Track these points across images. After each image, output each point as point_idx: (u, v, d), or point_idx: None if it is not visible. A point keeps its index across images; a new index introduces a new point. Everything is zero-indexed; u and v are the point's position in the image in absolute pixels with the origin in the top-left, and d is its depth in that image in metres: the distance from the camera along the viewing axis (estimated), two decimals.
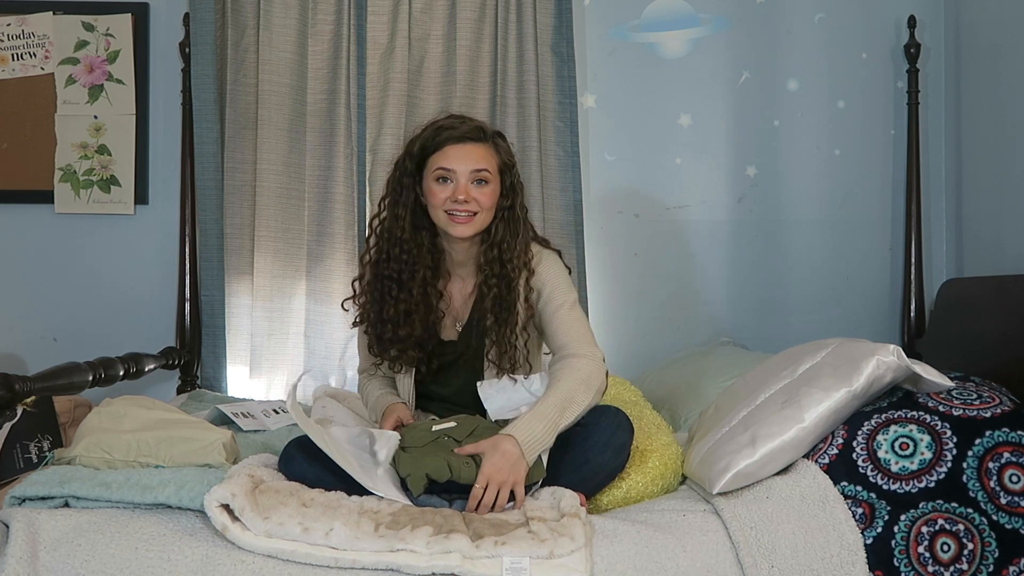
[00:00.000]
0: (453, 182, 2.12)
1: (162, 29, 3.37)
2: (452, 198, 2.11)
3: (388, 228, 2.20)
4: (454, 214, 2.13)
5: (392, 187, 2.22)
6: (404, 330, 2.17)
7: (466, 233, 2.15)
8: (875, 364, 2.03)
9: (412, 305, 2.17)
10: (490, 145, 2.18)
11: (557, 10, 3.31)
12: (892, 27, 3.43)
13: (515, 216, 2.19)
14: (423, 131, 2.20)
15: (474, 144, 2.15)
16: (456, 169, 2.12)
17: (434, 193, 2.14)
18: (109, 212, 3.36)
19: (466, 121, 2.19)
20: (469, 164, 2.12)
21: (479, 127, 2.18)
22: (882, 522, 1.89)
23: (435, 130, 2.16)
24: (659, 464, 2.11)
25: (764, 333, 3.40)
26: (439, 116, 2.25)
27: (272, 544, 1.74)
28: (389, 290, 2.18)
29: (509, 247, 2.17)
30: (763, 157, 3.45)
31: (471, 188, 2.12)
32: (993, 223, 3.09)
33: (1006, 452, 1.92)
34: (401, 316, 2.17)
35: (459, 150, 2.13)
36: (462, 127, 2.15)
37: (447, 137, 2.14)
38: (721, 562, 1.83)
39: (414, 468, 1.93)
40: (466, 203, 2.11)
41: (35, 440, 2.59)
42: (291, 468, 2.00)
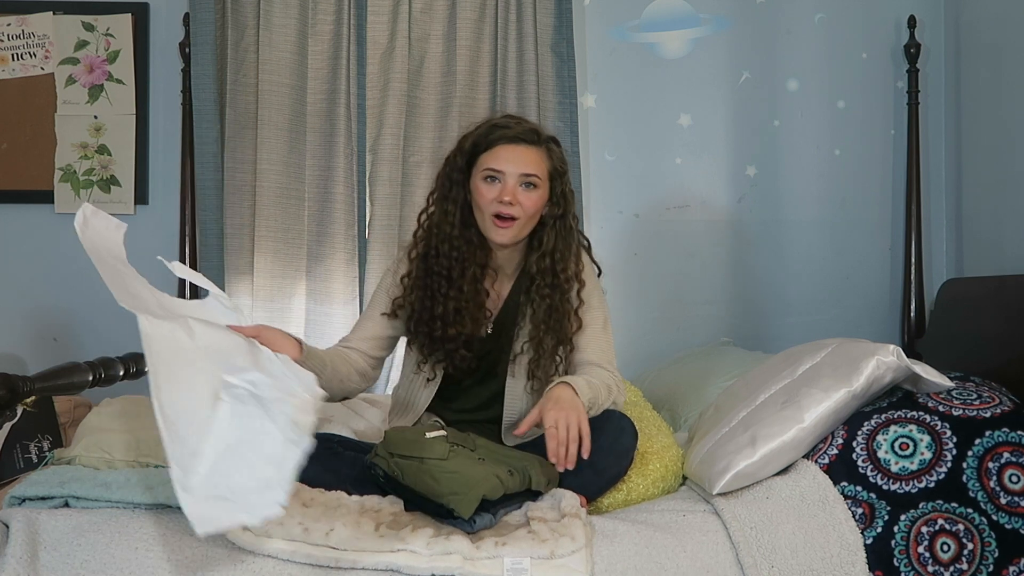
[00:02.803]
0: (501, 182, 2.08)
1: (162, 29, 3.37)
2: (498, 199, 2.06)
3: (437, 223, 2.14)
4: (498, 216, 2.08)
5: (441, 182, 2.16)
6: (454, 328, 2.11)
7: (504, 240, 2.10)
8: (875, 364, 2.03)
9: (463, 303, 2.11)
10: (543, 149, 2.12)
11: (557, 10, 3.31)
12: (892, 27, 3.43)
13: (567, 225, 2.14)
14: (477, 128, 2.15)
15: (526, 146, 2.10)
16: (505, 170, 2.07)
17: (481, 192, 2.09)
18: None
19: (521, 122, 2.13)
20: (519, 166, 2.07)
21: (534, 129, 2.12)
22: (882, 522, 1.89)
23: (488, 128, 2.12)
24: (660, 467, 2.11)
25: (764, 333, 3.40)
26: (495, 114, 2.21)
27: (272, 544, 1.75)
28: (439, 287, 2.12)
29: (563, 257, 2.12)
30: (763, 157, 3.45)
31: (518, 191, 2.07)
32: (993, 223, 3.08)
33: (1006, 452, 1.92)
34: (451, 314, 2.11)
35: (510, 151, 2.08)
36: (516, 127, 2.10)
37: (500, 136, 2.09)
38: (721, 562, 1.83)
39: (462, 488, 1.80)
40: (511, 205, 2.06)
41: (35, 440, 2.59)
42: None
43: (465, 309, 2.12)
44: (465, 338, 2.13)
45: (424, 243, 2.16)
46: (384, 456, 1.91)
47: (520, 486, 1.89)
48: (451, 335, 2.11)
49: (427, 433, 1.96)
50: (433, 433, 1.97)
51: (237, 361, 1.66)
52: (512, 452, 2.01)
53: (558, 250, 2.12)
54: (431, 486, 1.82)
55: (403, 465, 1.88)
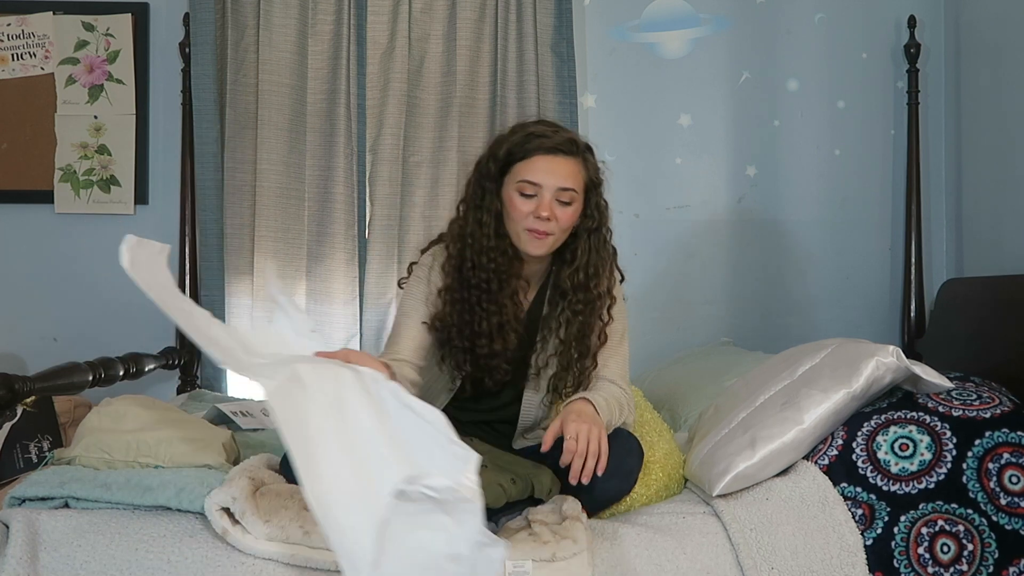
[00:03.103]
0: (537, 197, 1.98)
1: (162, 29, 3.37)
2: (535, 214, 1.97)
3: (471, 234, 2.04)
4: (532, 230, 1.99)
5: (473, 190, 2.06)
6: (499, 343, 2.03)
7: (539, 252, 2.02)
8: (874, 365, 2.03)
9: (504, 318, 2.03)
10: (580, 160, 2.02)
11: (557, 10, 3.31)
12: (892, 27, 3.42)
13: (601, 239, 2.07)
14: (511, 134, 2.04)
15: (564, 158, 1.99)
16: (542, 183, 1.97)
17: (515, 205, 1.99)
18: (109, 212, 3.36)
19: (559, 131, 2.03)
20: (557, 180, 1.97)
21: (572, 139, 2.02)
22: (882, 523, 1.89)
23: (525, 136, 2.01)
24: (663, 476, 2.10)
25: (764, 333, 3.40)
26: (528, 119, 2.11)
27: (273, 547, 1.75)
28: (479, 301, 2.03)
29: (596, 273, 2.05)
30: (763, 157, 3.45)
31: (555, 206, 1.98)
32: (993, 223, 3.08)
33: (1006, 453, 1.92)
34: (494, 329, 2.03)
35: (548, 163, 1.98)
36: (554, 137, 1.99)
37: (537, 147, 1.98)
38: (721, 564, 1.83)
39: None
40: (547, 221, 1.97)
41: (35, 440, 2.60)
42: (291, 473, 1.97)
43: (508, 324, 2.04)
44: (511, 354, 2.06)
45: (459, 254, 2.06)
46: None
47: (522, 494, 1.88)
48: (497, 350, 2.04)
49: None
50: None
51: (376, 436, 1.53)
52: (516, 459, 1.99)
53: (592, 265, 2.05)
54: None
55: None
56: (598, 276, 2.06)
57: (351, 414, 1.55)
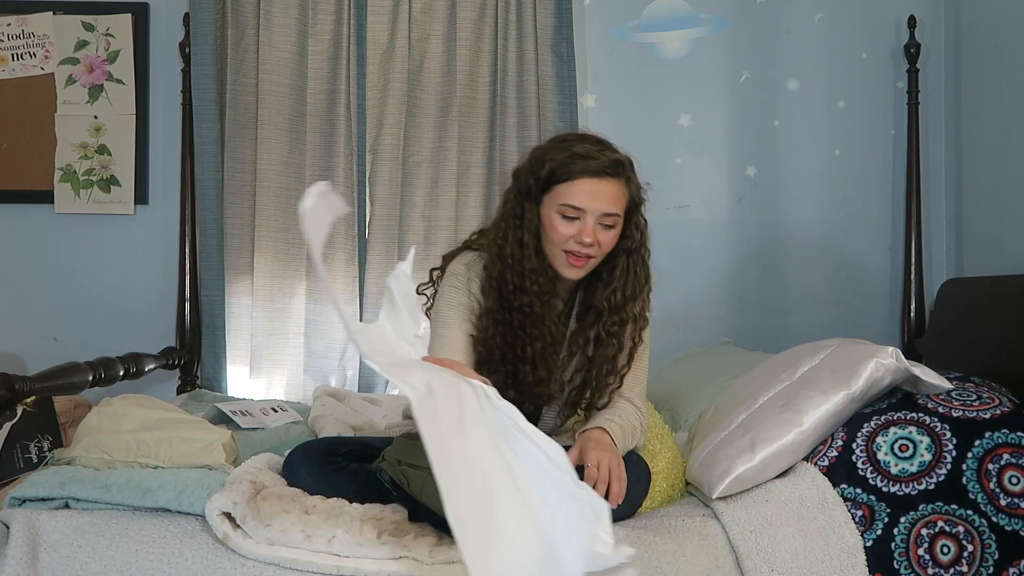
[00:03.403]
0: (580, 221, 1.90)
1: (162, 29, 3.37)
2: (577, 239, 1.90)
3: (511, 254, 1.95)
4: (571, 253, 1.92)
5: (512, 208, 1.97)
6: (543, 369, 1.97)
7: (577, 276, 1.97)
8: (873, 367, 2.03)
9: (547, 342, 1.97)
10: (623, 182, 1.93)
11: (557, 10, 3.31)
12: (892, 27, 3.42)
13: (640, 259, 2.01)
14: (554, 151, 1.94)
15: (610, 181, 1.90)
16: (587, 208, 1.89)
17: (555, 227, 1.91)
18: (109, 212, 3.36)
19: (603, 150, 1.92)
20: (601, 205, 1.90)
21: (617, 161, 1.92)
22: (882, 524, 1.89)
23: (569, 156, 1.90)
24: (666, 487, 2.09)
25: (764, 333, 3.40)
26: (570, 134, 2.00)
27: (274, 551, 1.74)
28: (522, 325, 1.95)
29: (633, 295, 2.00)
30: (763, 157, 3.44)
31: (598, 231, 1.91)
32: (993, 223, 3.08)
33: (1006, 453, 1.92)
34: (538, 355, 1.96)
35: (593, 186, 1.89)
36: (600, 159, 1.90)
37: (582, 169, 1.89)
38: (721, 566, 1.83)
39: None
40: (590, 246, 1.91)
41: (35, 440, 2.60)
42: (295, 478, 1.97)
43: (550, 348, 1.98)
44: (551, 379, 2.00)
45: (500, 276, 1.97)
46: (392, 463, 1.87)
47: None
48: (541, 377, 1.98)
49: None
50: None
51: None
52: None
53: (629, 286, 1.99)
54: (436, 499, 1.76)
55: (410, 474, 1.83)
56: (635, 298, 2.01)
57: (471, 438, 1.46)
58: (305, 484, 1.95)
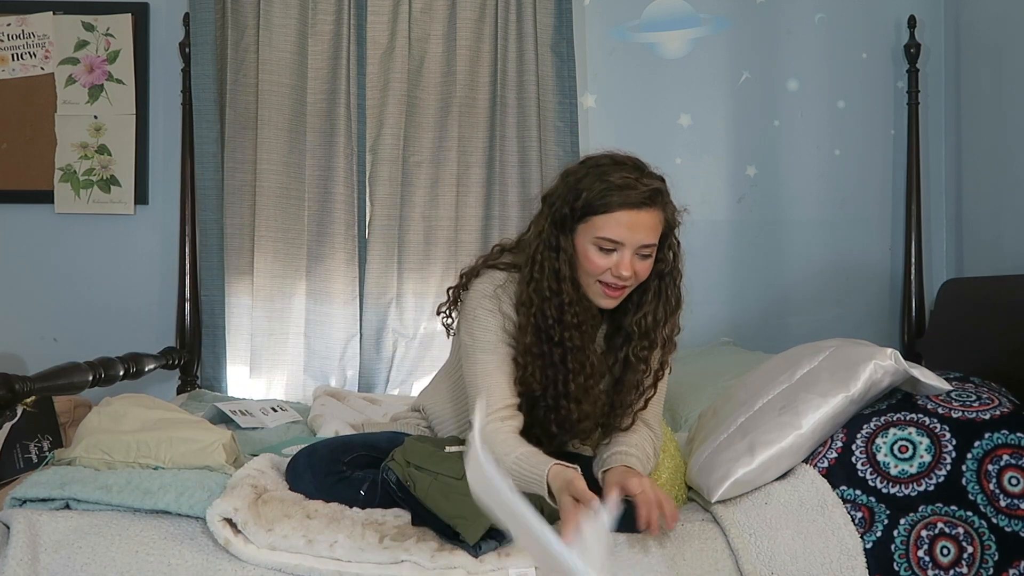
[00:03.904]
0: (617, 253, 1.84)
1: (162, 29, 3.37)
2: (614, 272, 1.85)
3: (549, 287, 1.87)
4: (606, 284, 1.87)
5: (547, 238, 1.89)
6: (588, 404, 1.92)
7: (612, 306, 1.91)
8: (872, 369, 2.03)
9: (589, 373, 1.90)
10: (660, 209, 1.87)
11: (557, 10, 3.31)
12: (892, 27, 3.42)
13: (674, 283, 1.94)
14: (588, 178, 1.86)
15: (648, 212, 1.84)
16: (625, 242, 1.83)
17: (591, 259, 1.85)
18: (109, 212, 3.36)
19: (640, 178, 1.85)
20: (640, 237, 1.83)
21: (656, 190, 1.85)
22: (881, 526, 1.89)
23: (606, 188, 1.83)
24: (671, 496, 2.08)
25: (764, 333, 3.40)
26: (604, 157, 1.91)
27: (276, 557, 1.74)
28: (563, 360, 1.89)
29: (664, 320, 1.93)
30: (763, 157, 3.44)
31: (635, 261, 1.85)
32: (993, 223, 3.08)
33: (1005, 454, 1.92)
34: (580, 390, 1.90)
35: (632, 218, 1.82)
36: (639, 188, 1.83)
37: (621, 202, 1.82)
38: (721, 569, 1.83)
39: (471, 513, 1.70)
40: (628, 278, 1.86)
41: (35, 440, 2.60)
42: (298, 485, 1.97)
43: (592, 380, 1.91)
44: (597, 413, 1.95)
45: (537, 308, 1.88)
46: (400, 463, 1.87)
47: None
48: (586, 412, 1.93)
49: (447, 448, 1.91)
50: (453, 448, 1.90)
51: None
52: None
53: (660, 310, 1.93)
54: (440, 504, 1.78)
55: (416, 476, 1.83)
56: (665, 321, 1.94)
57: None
58: (307, 492, 1.95)
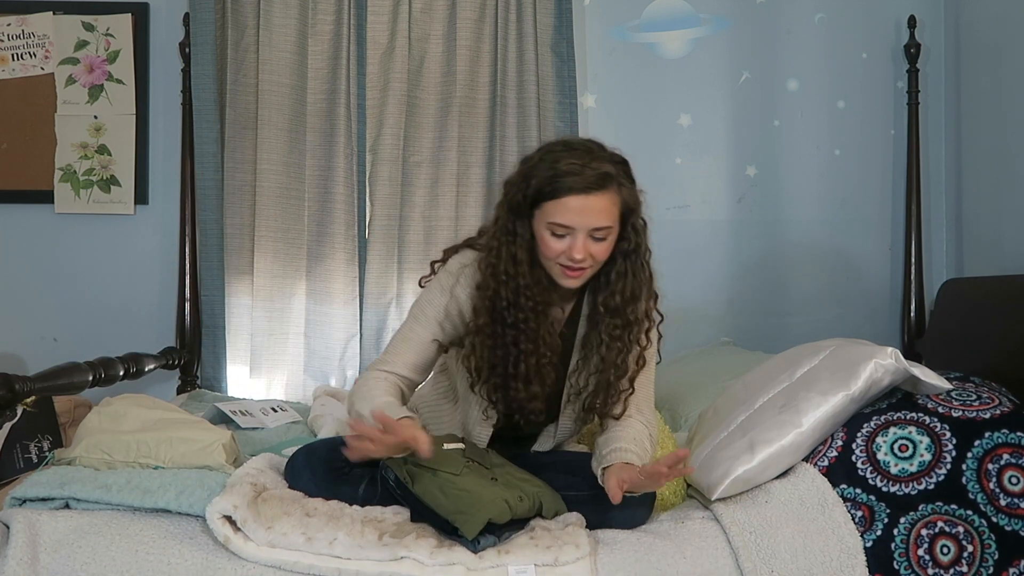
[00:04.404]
0: (570, 237, 1.88)
1: (162, 29, 3.37)
2: (567, 255, 1.89)
3: (505, 271, 1.93)
4: (565, 267, 1.92)
5: (504, 224, 1.95)
6: (536, 385, 1.96)
7: (574, 286, 1.96)
8: (873, 367, 2.03)
9: (542, 356, 1.94)
10: (614, 191, 1.89)
11: (557, 10, 3.31)
12: (892, 27, 3.42)
13: (639, 262, 1.98)
14: (539, 165, 1.90)
15: (598, 195, 1.87)
16: (575, 226, 1.87)
17: (547, 244, 1.90)
18: (109, 212, 3.35)
19: (588, 163, 1.87)
20: (589, 221, 1.87)
21: (604, 174, 1.87)
22: (881, 525, 1.89)
23: (554, 174, 1.87)
24: (668, 495, 2.09)
25: (764, 333, 3.40)
26: (557, 144, 1.95)
27: (275, 554, 1.75)
28: (515, 341, 1.93)
29: (634, 296, 1.97)
30: (763, 157, 3.44)
31: (589, 244, 1.89)
32: (993, 223, 3.08)
33: (1005, 453, 1.92)
34: (531, 370, 1.94)
35: (580, 203, 1.86)
36: (585, 174, 1.85)
37: (568, 188, 1.85)
38: (721, 567, 1.83)
39: (469, 508, 1.75)
40: (582, 261, 1.89)
41: (35, 440, 2.59)
42: (297, 483, 1.97)
43: (545, 360, 1.95)
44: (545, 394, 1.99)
45: (494, 293, 1.94)
46: (398, 461, 1.88)
47: (529, 513, 1.86)
48: (535, 393, 1.96)
49: (445, 444, 1.92)
50: (451, 445, 1.92)
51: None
52: (527, 477, 1.97)
53: (628, 288, 1.96)
54: (439, 500, 1.80)
55: (415, 473, 1.84)
56: (635, 300, 1.98)
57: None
58: (307, 488, 1.95)
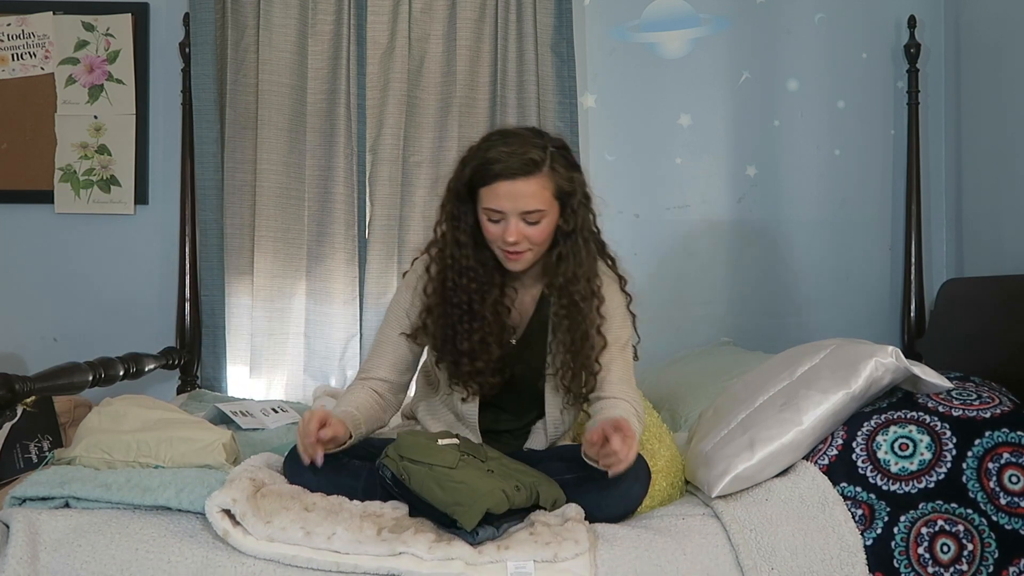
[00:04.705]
0: (504, 221, 1.97)
1: (162, 29, 3.37)
2: (503, 238, 1.98)
3: (451, 255, 2.04)
4: (505, 251, 2.01)
5: (448, 213, 2.06)
6: (481, 361, 2.05)
7: (519, 268, 2.04)
8: (873, 366, 2.03)
9: (487, 333, 2.04)
10: (544, 175, 1.96)
11: (557, 10, 3.31)
12: (892, 27, 3.42)
13: (576, 244, 2.04)
14: (476, 151, 2.00)
15: (525, 180, 1.94)
16: (506, 210, 1.95)
17: (487, 229, 2.01)
18: (109, 212, 3.36)
19: (515, 150, 1.95)
20: (519, 205, 1.95)
21: (531, 160, 1.94)
22: (882, 523, 1.89)
23: (484, 162, 1.96)
24: (666, 485, 2.10)
25: (764, 333, 3.40)
26: (494, 132, 2.06)
27: (274, 548, 1.75)
28: (460, 319, 2.04)
29: (575, 277, 2.03)
30: (763, 157, 3.44)
31: (522, 227, 1.96)
32: (993, 223, 3.08)
33: (1006, 452, 1.92)
34: (477, 347, 2.04)
35: (508, 188, 1.94)
36: (510, 160, 1.93)
37: (496, 174, 1.94)
38: (721, 565, 1.83)
39: (467, 499, 1.77)
40: (516, 244, 1.97)
41: (35, 440, 2.59)
42: (297, 476, 1.98)
43: (490, 337, 2.04)
44: (493, 367, 2.06)
45: (440, 274, 2.07)
46: (394, 458, 1.89)
47: (526, 502, 1.87)
48: (479, 368, 2.05)
49: (439, 440, 1.94)
50: (445, 440, 1.94)
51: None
52: (523, 468, 1.98)
53: (569, 269, 2.03)
54: (436, 494, 1.81)
55: (411, 469, 1.85)
56: (577, 280, 2.04)
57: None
58: (307, 482, 1.96)
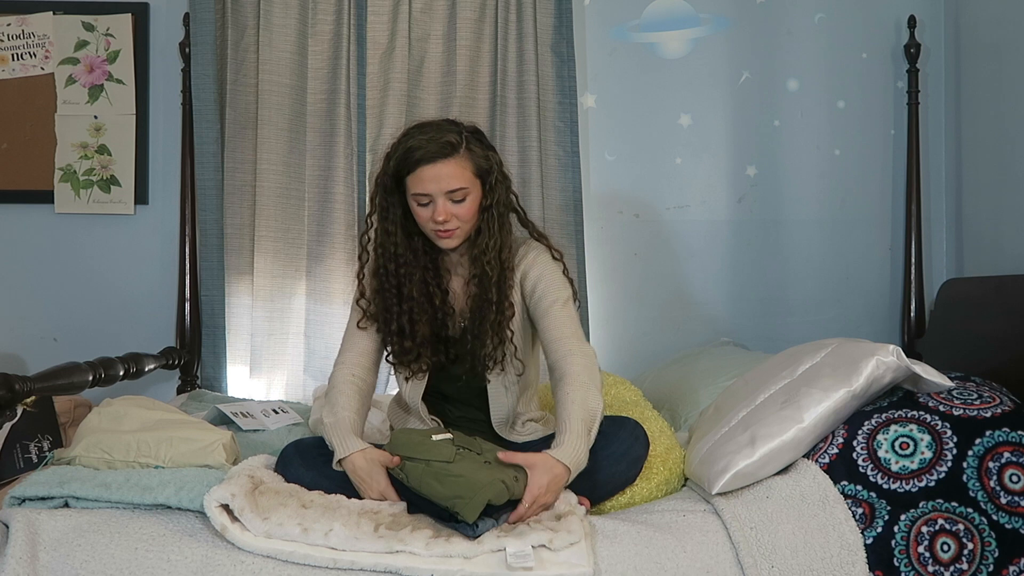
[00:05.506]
0: (432, 204, 2.10)
1: (162, 29, 3.37)
2: (433, 219, 2.10)
3: (382, 243, 2.19)
4: (436, 231, 2.13)
5: (378, 204, 2.19)
6: (411, 340, 2.17)
7: (451, 246, 2.16)
8: (874, 364, 2.03)
9: (415, 312, 2.17)
10: (462, 156, 2.10)
11: (557, 10, 3.31)
12: (892, 27, 3.43)
13: (492, 217, 2.15)
14: (397, 148, 2.14)
15: (444, 162, 2.08)
16: (431, 192, 2.08)
17: (417, 214, 2.13)
18: (109, 212, 3.36)
19: (432, 136, 2.10)
20: (442, 185, 2.08)
21: (447, 143, 2.09)
22: (882, 522, 1.89)
23: (405, 151, 2.10)
24: (664, 471, 2.12)
25: (764, 333, 3.40)
26: (413, 126, 2.18)
27: (271, 545, 1.75)
28: (391, 304, 2.17)
29: (486, 248, 2.15)
30: (763, 157, 3.44)
31: (449, 206, 2.09)
32: (993, 223, 3.08)
33: (1006, 452, 1.92)
34: (407, 326, 2.17)
35: (431, 171, 2.08)
36: (430, 146, 2.08)
37: (418, 160, 2.08)
38: (721, 562, 1.83)
39: (467, 492, 1.78)
40: (446, 223, 2.10)
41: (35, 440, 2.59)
42: (288, 472, 2.01)
43: (419, 317, 2.17)
44: (427, 343, 2.18)
45: (374, 258, 2.22)
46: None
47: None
48: (407, 347, 2.17)
49: (433, 435, 1.95)
50: (440, 436, 1.95)
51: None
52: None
53: (486, 241, 2.15)
54: (436, 489, 1.81)
55: (407, 467, 1.86)
56: (486, 251, 2.15)
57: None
58: (300, 478, 1.98)
